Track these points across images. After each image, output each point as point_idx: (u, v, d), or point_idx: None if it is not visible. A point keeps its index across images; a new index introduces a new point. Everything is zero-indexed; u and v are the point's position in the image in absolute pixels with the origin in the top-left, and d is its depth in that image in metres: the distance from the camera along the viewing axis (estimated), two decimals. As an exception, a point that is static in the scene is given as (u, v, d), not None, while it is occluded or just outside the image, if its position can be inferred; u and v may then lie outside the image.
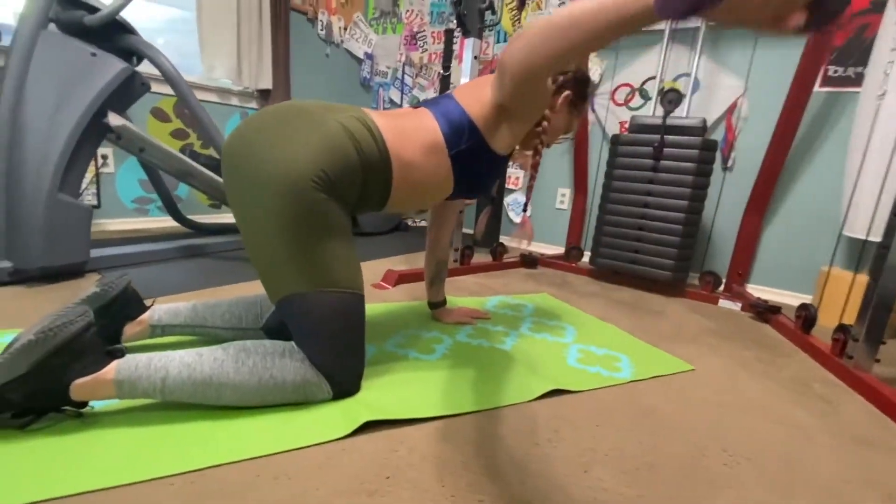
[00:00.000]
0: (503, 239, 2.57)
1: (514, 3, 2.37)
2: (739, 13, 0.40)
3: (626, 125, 2.13)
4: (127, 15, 1.36)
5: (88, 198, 1.96)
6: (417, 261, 1.97)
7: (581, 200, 2.26)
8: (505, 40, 2.46)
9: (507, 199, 2.58)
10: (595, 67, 2.19)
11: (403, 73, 2.87)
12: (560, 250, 2.34)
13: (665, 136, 1.70)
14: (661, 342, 1.26)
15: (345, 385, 0.79)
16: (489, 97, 0.85)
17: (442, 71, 1.77)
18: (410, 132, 0.83)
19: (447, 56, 1.77)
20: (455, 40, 1.97)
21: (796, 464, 0.75)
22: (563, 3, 2.22)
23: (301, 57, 2.67)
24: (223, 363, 0.70)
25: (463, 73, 1.56)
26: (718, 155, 1.94)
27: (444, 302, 1.25)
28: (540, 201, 2.49)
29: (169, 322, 0.90)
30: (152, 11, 2.24)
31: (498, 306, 1.43)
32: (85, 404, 0.68)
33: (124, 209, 2.10)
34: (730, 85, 1.88)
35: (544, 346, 1.14)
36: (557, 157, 2.40)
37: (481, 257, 2.09)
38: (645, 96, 2.10)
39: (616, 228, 1.84)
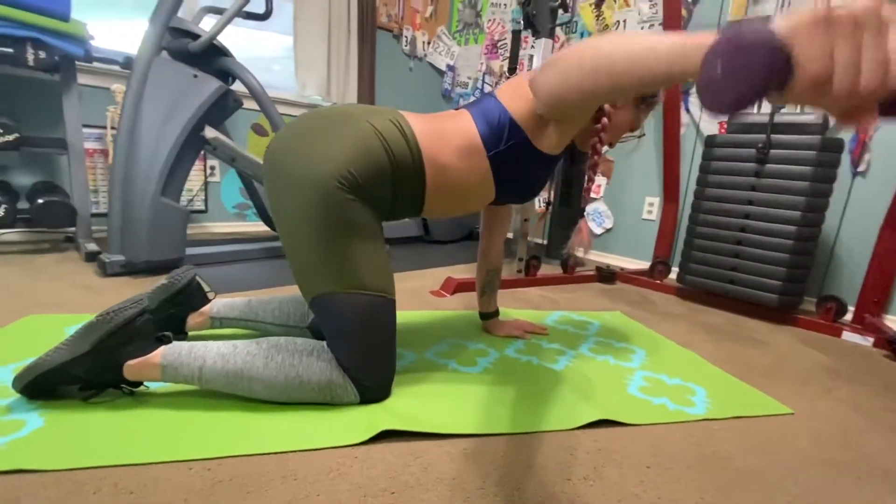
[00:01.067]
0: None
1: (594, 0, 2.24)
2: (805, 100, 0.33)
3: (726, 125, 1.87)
4: (252, 46, 1.52)
5: (198, 204, 2.23)
6: (484, 270, 1.92)
7: (671, 210, 2.03)
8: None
9: (588, 209, 2.41)
10: (690, 63, 1.97)
11: (483, 81, 2.86)
12: (646, 266, 2.12)
13: (773, 135, 1.46)
14: (754, 377, 1.06)
15: (372, 390, 0.77)
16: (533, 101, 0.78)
17: (508, 73, 1.71)
18: (446, 134, 0.80)
19: (513, 58, 1.72)
20: (531, 45, 1.91)
21: (929, 556, 0.56)
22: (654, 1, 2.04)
23: (386, 72, 2.79)
24: (255, 357, 0.73)
25: (532, 75, 1.50)
26: (846, 157, 1.61)
27: (496, 313, 1.19)
28: (624, 211, 2.29)
29: (226, 315, 0.96)
30: (273, 42, 2.49)
31: (559, 322, 1.32)
32: (139, 384, 0.74)
33: (227, 214, 2.35)
34: (864, 73, 1.56)
35: (604, 369, 1.02)
36: (644, 163, 2.20)
37: (552, 269, 1.97)
38: (751, 92, 1.83)
39: (709, 242, 1.61)
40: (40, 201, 1.50)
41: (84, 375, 0.70)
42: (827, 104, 0.32)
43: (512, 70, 1.72)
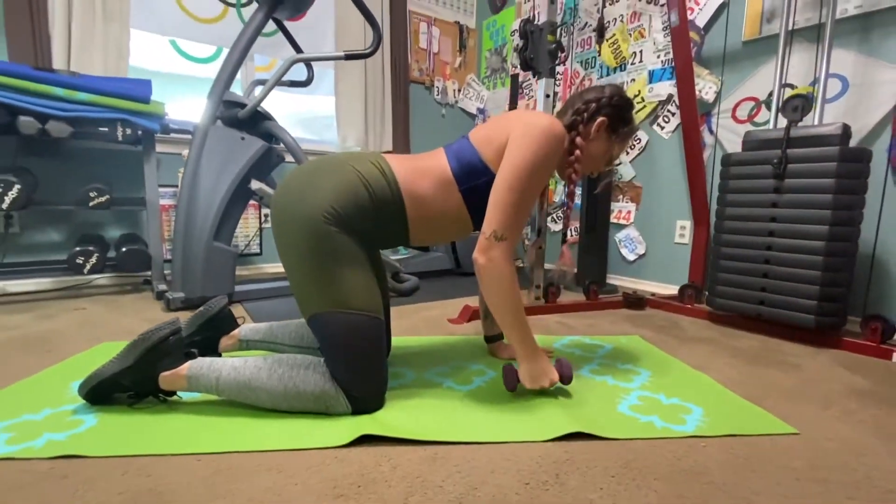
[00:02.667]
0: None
1: (612, 37, 2.32)
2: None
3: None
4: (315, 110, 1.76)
5: (254, 248, 2.50)
6: (508, 299, 1.96)
7: (702, 233, 1.98)
8: (608, 74, 2.40)
9: (619, 236, 2.40)
10: (709, 85, 1.97)
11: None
12: (680, 291, 2.05)
13: (790, 150, 1.42)
14: (769, 399, 1.02)
15: (362, 401, 0.86)
16: (502, 146, 0.89)
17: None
18: (423, 171, 0.91)
19: (513, 99, 1.83)
20: (558, 84, 2.01)
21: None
22: (666, 27, 2.09)
23: (419, 119, 3.02)
24: (260, 370, 0.85)
25: (537, 109, 1.59)
26: (884, 168, 1.52)
27: (499, 336, 1.24)
28: (656, 236, 2.25)
29: (251, 338, 1.11)
30: (328, 104, 2.80)
31: (568, 346, 1.34)
32: (172, 393, 0.89)
33: (277, 256, 2.61)
34: (893, 79, 1.49)
35: (600, 388, 1.03)
36: (673, 187, 2.17)
37: (576, 296, 1.97)
38: (775, 109, 1.79)
39: (735, 263, 1.56)
40: (123, 250, 1.80)
41: (130, 385, 0.85)
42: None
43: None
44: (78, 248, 1.74)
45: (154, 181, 1.89)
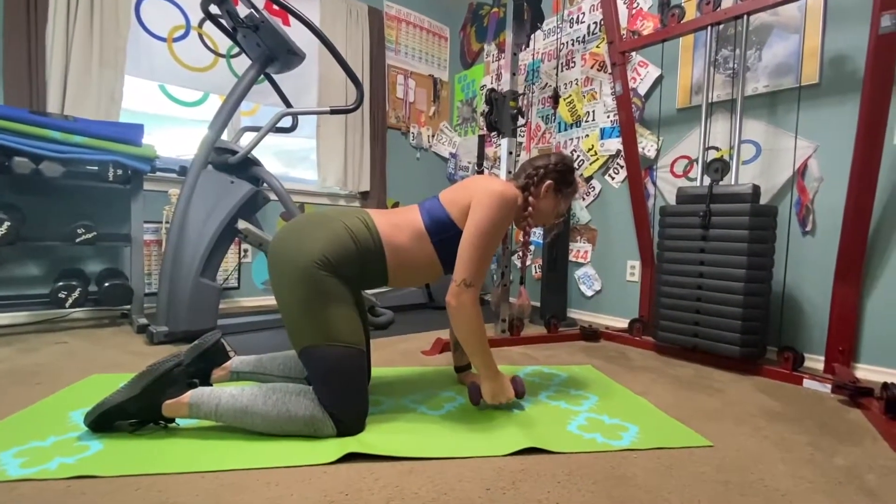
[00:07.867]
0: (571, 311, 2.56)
1: (569, 97, 2.62)
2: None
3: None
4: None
5: (232, 282, 2.58)
6: (476, 332, 2.11)
7: (648, 272, 2.21)
8: (565, 129, 2.68)
9: (578, 273, 2.62)
10: (650, 143, 2.26)
11: (480, 166, 3.24)
12: (631, 324, 2.26)
13: (713, 205, 1.68)
14: (694, 419, 1.19)
15: (346, 424, 0.98)
16: (466, 208, 1.07)
17: (477, 168, 2.04)
18: (401, 225, 1.08)
19: (480, 155, 2.05)
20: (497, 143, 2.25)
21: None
22: (614, 92, 2.39)
23: (395, 162, 3.22)
24: (256, 397, 0.96)
25: (501, 163, 1.81)
26: (793, 220, 1.80)
27: (468, 366, 1.39)
28: (610, 274, 2.48)
29: (242, 369, 1.21)
30: (302, 143, 3.00)
31: (529, 375, 1.50)
32: (172, 420, 0.98)
33: (255, 290, 2.69)
34: (798, 146, 1.79)
35: (554, 412, 1.18)
36: (623, 230, 2.42)
37: (538, 329, 2.15)
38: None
39: (674, 300, 1.78)
40: (106, 285, 1.86)
41: (135, 412, 0.95)
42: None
43: (480, 165, 2.05)
44: (61, 283, 1.79)
45: (140, 219, 1.97)
